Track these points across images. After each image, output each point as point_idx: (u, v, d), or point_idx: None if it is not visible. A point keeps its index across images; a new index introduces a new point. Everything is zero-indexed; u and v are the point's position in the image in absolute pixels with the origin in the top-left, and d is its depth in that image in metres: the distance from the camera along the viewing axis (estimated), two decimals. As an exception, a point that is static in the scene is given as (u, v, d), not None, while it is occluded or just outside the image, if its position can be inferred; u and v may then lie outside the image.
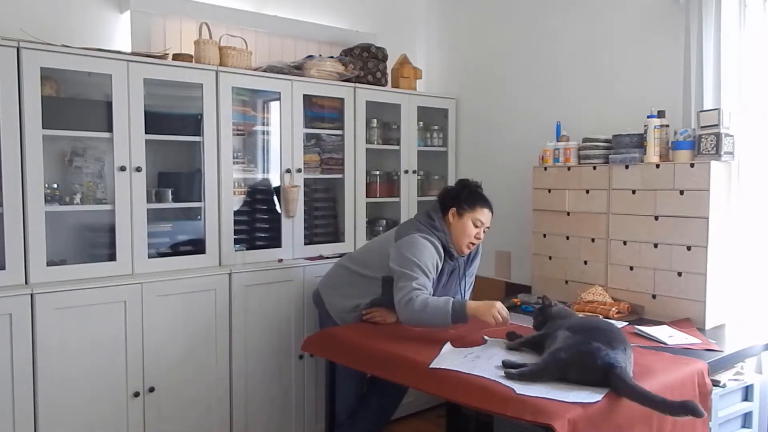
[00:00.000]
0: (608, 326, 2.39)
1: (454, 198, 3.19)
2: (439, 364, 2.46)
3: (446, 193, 3.26)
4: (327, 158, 4.01)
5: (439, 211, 3.19)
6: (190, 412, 3.33)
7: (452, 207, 3.15)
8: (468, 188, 3.22)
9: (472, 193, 3.19)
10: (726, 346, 2.77)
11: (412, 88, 4.43)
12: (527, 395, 2.12)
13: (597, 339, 2.25)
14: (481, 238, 3.18)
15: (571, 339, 2.30)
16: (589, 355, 2.21)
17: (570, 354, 2.24)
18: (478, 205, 3.14)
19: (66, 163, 3.23)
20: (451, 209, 3.15)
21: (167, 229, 3.47)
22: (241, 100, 3.66)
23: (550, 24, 4.06)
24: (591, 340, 2.25)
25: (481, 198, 3.19)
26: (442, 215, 3.17)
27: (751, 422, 2.86)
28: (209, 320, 3.37)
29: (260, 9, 4.01)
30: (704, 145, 3.04)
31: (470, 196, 3.17)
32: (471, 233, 3.12)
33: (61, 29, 3.30)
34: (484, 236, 3.19)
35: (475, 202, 3.14)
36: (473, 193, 3.20)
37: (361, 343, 2.82)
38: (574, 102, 3.92)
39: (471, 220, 3.12)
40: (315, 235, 4.04)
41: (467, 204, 3.14)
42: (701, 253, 3.02)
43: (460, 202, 3.15)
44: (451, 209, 3.15)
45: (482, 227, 3.15)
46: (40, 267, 2.92)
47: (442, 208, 3.19)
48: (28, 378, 2.83)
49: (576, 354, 2.23)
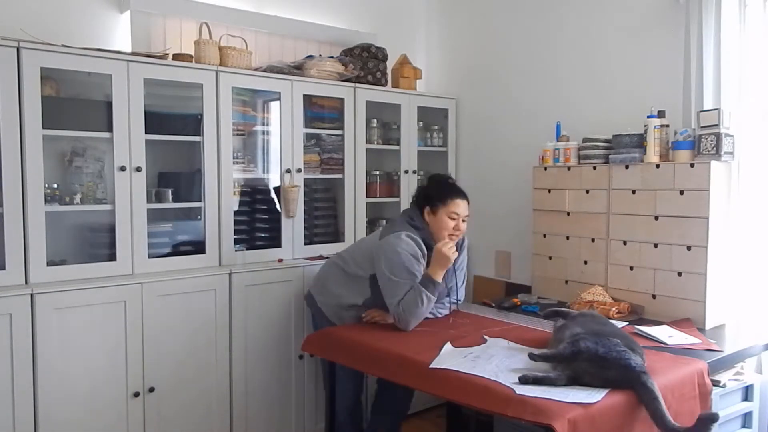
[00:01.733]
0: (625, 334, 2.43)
1: (425, 196, 3.21)
2: (439, 364, 2.46)
3: (418, 193, 3.29)
4: (327, 158, 4.01)
5: (416, 209, 3.21)
6: (191, 412, 3.32)
7: (426, 205, 3.17)
8: (437, 183, 3.24)
9: (441, 187, 3.20)
10: (726, 346, 2.77)
11: (412, 88, 4.43)
12: (527, 395, 2.12)
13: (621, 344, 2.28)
14: (462, 229, 3.16)
15: (596, 337, 2.31)
16: (616, 353, 2.22)
17: (597, 348, 2.25)
18: (449, 198, 3.13)
19: (66, 163, 3.23)
20: (425, 208, 3.17)
21: (167, 229, 3.47)
22: (241, 100, 3.66)
23: (550, 24, 4.06)
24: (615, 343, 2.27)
25: (452, 190, 3.18)
26: (420, 214, 3.18)
27: (751, 422, 2.85)
28: (209, 320, 3.37)
29: (260, 9, 4.01)
30: (704, 145, 3.04)
31: (440, 191, 3.17)
32: (449, 226, 3.11)
33: (61, 29, 3.29)
34: (464, 226, 3.17)
35: (446, 196, 3.14)
36: (443, 186, 3.20)
37: (361, 342, 2.82)
38: (574, 102, 3.91)
39: (446, 214, 3.11)
40: (315, 235, 4.04)
41: (438, 199, 3.14)
42: (701, 253, 3.02)
43: (431, 199, 3.16)
44: (425, 208, 3.17)
45: (459, 218, 3.13)
46: (40, 267, 2.92)
47: (418, 207, 3.21)
48: (28, 378, 2.83)
49: (603, 349, 2.24)
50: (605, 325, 2.52)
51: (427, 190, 3.23)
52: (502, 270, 4.38)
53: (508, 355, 2.55)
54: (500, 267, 4.39)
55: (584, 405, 2.07)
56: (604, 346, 2.25)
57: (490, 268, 4.43)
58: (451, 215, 3.11)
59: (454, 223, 3.12)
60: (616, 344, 2.26)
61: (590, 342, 2.26)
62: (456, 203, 3.12)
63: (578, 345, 2.27)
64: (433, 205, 3.14)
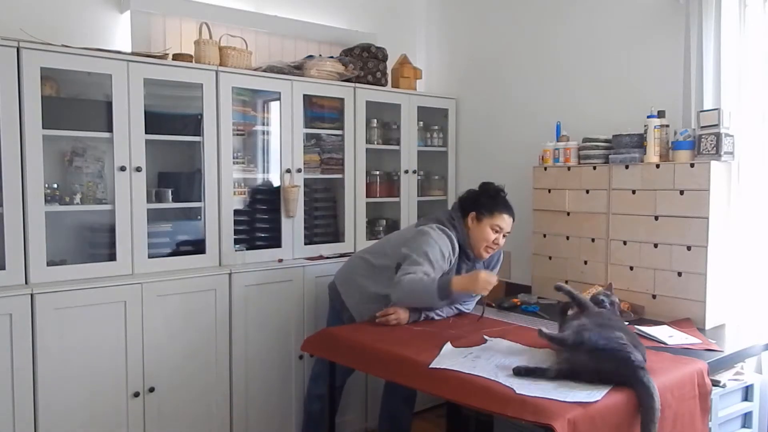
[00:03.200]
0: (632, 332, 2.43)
1: (474, 202, 3.18)
2: (439, 364, 2.45)
3: (467, 197, 3.25)
4: (327, 158, 4.01)
5: (458, 211, 3.20)
6: (191, 412, 3.32)
7: (472, 211, 3.15)
8: (488, 193, 3.21)
9: (492, 198, 3.18)
10: (726, 346, 2.77)
11: (412, 88, 4.43)
12: (527, 395, 2.12)
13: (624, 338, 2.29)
14: (500, 244, 3.17)
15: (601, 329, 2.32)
16: (617, 344, 2.23)
17: (598, 340, 2.25)
18: (497, 211, 3.12)
19: (66, 163, 3.23)
20: (470, 213, 3.15)
21: (167, 229, 3.46)
22: (241, 100, 3.66)
23: (550, 23, 4.06)
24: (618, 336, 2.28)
25: (502, 203, 3.17)
26: (462, 217, 3.17)
27: (751, 422, 2.85)
28: (209, 320, 3.37)
29: (260, 9, 4.01)
30: (704, 145, 3.04)
31: (490, 201, 3.16)
32: (489, 238, 3.11)
33: (61, 29, 3.30)
34: (503, 241, 3.17)
35: (494, 208, 3.13)
36: (493, 198, 3.18)
37: (362, 343, 2.82)
38: (574, 102, 3.91)
39: (489, 225, 3.11)
40: (315, 235, 4.03)
41: (486, 209, 3.13)
42: (701, 253, 3.02)
43: (480, 207, 3.14)
44: (470, 213, 3.15)
45: (501, 233, 3.14)
46: (40, 267, 2.92)
47: (462, 210, 3.20)
48: (28, 378, 2.83)
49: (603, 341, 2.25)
50: (614, 321, 2.52)
51: (479, 197, 3.20)
52: (502, 270, 4.33)
53: (508, 354, 2.55)
54: (500, 267, 4.37)
55: (584, 404, 2.06)
56: (606, 339, 2.25)
57: (490, 268, 4.44)
58: (494, 227, 3.11)
59: (496, 236, 3.12)
60: (619, 338, 2.26)
61: (594, 334, 2.27)
62: (503, 218, 3.13)
63: (582, 335, 2.27)
64: (480, 212, 3.13)
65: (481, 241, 3.12)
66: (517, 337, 2.80)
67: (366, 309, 3.20)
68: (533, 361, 2.42)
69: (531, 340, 2.71)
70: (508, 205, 3.18)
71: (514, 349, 2.64)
